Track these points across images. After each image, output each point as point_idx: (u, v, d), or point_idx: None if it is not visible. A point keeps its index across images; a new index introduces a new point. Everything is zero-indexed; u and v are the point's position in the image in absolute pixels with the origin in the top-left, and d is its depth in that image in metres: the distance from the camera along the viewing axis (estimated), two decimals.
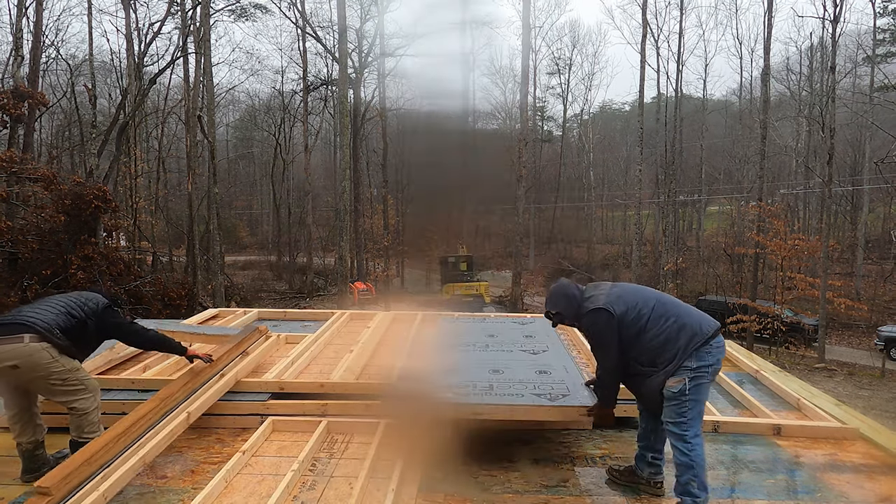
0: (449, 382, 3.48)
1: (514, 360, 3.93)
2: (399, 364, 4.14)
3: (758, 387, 4.50)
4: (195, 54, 20.24)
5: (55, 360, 2.97)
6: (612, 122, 50.05)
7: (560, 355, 4.03)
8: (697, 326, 2.80)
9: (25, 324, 2.94)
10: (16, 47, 16.41)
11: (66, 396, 3.05)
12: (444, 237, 4.00)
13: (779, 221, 17.79)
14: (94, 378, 3.30)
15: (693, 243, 34.35)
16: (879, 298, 23.26)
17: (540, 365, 3.82)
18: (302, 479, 2.92)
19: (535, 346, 4.26)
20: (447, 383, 3.47)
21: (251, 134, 43.58)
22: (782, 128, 32.19)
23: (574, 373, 3.67)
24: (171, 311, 14.39)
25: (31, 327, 2.94)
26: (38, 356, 2.92)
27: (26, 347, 2.89)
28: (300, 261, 33.07)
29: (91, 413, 3.12)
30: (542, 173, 41.15)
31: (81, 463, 2.63)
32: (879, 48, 29.21)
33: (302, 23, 27.30)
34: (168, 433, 3.11)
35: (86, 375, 3.18)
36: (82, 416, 3.08)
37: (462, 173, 3.81)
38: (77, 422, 3.09)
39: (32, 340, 2.91)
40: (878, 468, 3.18)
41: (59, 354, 3.00)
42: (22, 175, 12.26)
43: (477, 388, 3.40)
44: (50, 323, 3.02)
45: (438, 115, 4.02)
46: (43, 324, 2.98)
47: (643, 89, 23.77)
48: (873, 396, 11.00)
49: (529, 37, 27.69)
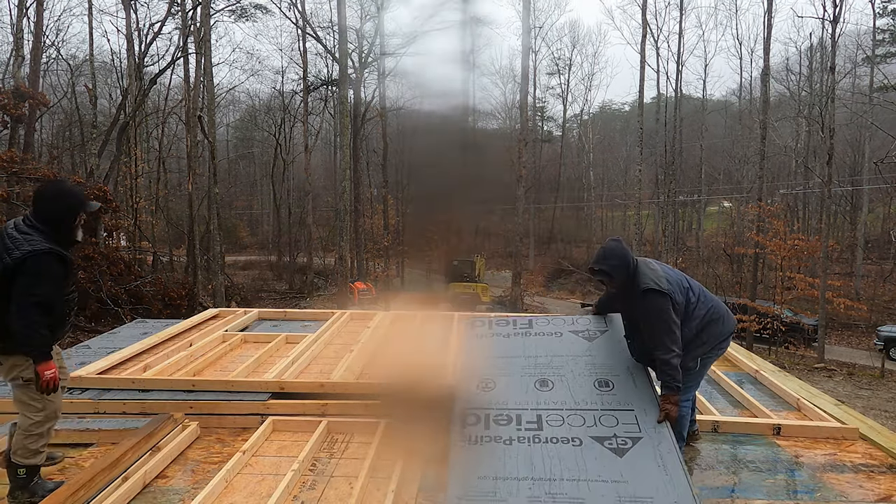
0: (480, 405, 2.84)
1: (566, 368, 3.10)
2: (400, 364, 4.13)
3: (757, 387, 4.51)
4: (195, 54, 20.25)
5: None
6: (612, 123, 50.07)
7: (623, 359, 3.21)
8: (726, 325, 3.12)
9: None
10: (16, 47, 16.43)
11: (19, 404, 2.75)
12: (445, 237, 3.95)
13: (778, 221, 17.80)
14: (58, 402, 2.82)
15: (693, 243, 34.36)
16: (879, 298, 23.26)
17: (599, 368, 3.05)
18: (302, 478, 2.93)
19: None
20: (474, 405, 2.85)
21: (251, 134, 43.57)
22: (782, 128, 32.18)
23: (645, 387, 2.94)
24: (171, 311, 14.40)
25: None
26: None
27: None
28: (300, 261, 33.06)
29: (32, 437, 2.72)
30: (542, 173, 41.16)
31: None
32: (879, 48, 29.21)
33: (302, 23, 27.32)
34: None
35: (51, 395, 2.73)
36: (25, 436, 2.73)
37: (462, 173, 3.81)
38: (16, 438, 2.76)
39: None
40: (878, 468, 3.18)
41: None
42: (22, 175, 12.26)
43: (522, 425, 2.73)
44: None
45: (438, 115, 4.02)
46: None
47: (643, 89, 23.79)
48: (873, 396, 11.00)
49: (529, 37, 27.72)
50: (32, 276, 2.61)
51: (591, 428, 2.69)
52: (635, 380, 2.95)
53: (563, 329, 3.37)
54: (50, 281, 2.67)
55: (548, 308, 24.68)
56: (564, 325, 3.41)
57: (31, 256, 2.62)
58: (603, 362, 3.09)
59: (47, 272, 2.65)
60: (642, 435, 2.64)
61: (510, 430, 2.72)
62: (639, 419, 2.73)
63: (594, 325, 3.39)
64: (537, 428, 2.72)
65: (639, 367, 3.05)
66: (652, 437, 2.64)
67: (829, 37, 19.36)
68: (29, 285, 2.61)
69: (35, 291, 2.61)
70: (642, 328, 3.01)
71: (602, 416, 2.75)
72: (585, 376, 2.99)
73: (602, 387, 2.90)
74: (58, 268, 2.70)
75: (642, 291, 2.94)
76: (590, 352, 3.18)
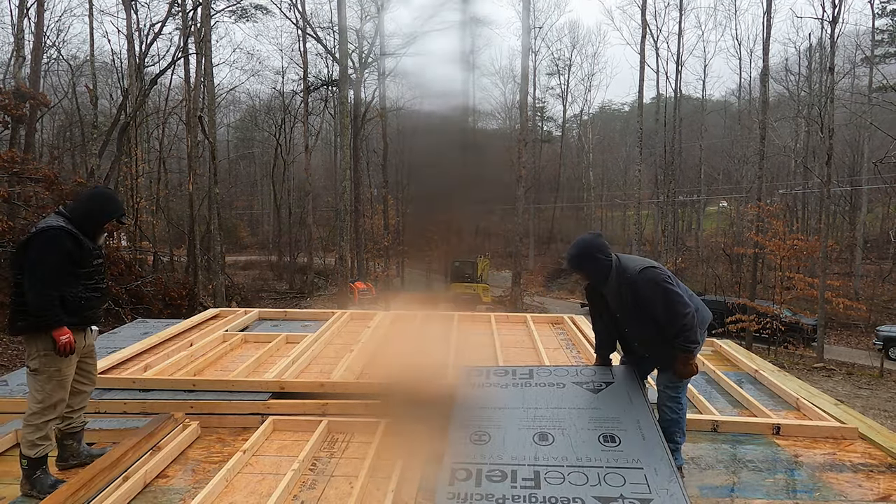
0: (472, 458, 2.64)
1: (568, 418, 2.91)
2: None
3: (757, 386, 4.52)
4: (196, 55, 20.25)
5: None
6: (612, 123, 50.13)
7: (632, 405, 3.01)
8: (704, 312, 3.14)
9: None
10: (17, 48, 16.43)
11: (28, 394, 2.87)
12: (445, 237, 3.94)
13: (778, 222, 17.80)
14: (57, 396, 2.85)
15: (692, 243, 34.40)
16: (878, 298, 23.26)
17: (605, 422, 2.84)
18: (302, 478, 2.93)
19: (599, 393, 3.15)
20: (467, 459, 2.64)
21: (252, 134, 43.60)
22: (781, 128, 32.18)
23: (654, 437, 2.73)
24: (171, 311, 14.42)
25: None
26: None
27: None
28: (301, 261, 33.07)
29: (29, 427, 2.79)
30: (541, 173, 41.20)
31: None
32: (878, 49, 29.25)
33: (302, 23, 27.33)
34: None
35: (54, 385, 2.81)
36: (24, 425, 2.82)
37: (462, 173, 3.81)
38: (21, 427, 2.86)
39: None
40: (877, 467, 3.19)
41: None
42: (23, 175, 12.27)
43: (518, 482, 2.50)
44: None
45: (438, 115, 4.02)
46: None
47: (642, 90, 23.80)
48: (872, 396, 11.01)
49: (529, 37, 27.73)
50: (38, 249, 2.76)
51: (594, 487, 2.46)
52: (644, 434, 2.73)
53: (565, 380, 3.21)
54: (55, 253, 2.78)
55: (547, 308, 24.70)
56: (567, 375, 3.26)
57: (40, 232, 2.78)
58: (609, 415, 2.88)
59: (52, 245, 2.78)
60: (652, 496, 2.39)
61: (504, 487, 2.49)
62: (648, 479, 2.50)
63: (599, 377, 3.22)
64: (534, 486, 2.49)
65: (649, 421, 2.84)
66: (664, 499, 2.38)
67: (829, 37, 19.36)
68: (36, 258, 2.75)
69: (43, 260, 2.75)
70: (647, 305, 2.93)
71: (607, 475, 2.53)
72: (589, 430, 2.78)
73: (608, 442, 2.70)
74: (68, 243, 2.81)
75: (639, 271, 2.94)
76: (594, 404, 2.99)
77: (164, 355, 4.62)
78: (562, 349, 5.11)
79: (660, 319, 2.92)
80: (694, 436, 3.52)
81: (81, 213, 2.92)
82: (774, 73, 29.65)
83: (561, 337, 5.58)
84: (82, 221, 2.91)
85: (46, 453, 2.86)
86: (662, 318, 2.91)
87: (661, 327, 2.94)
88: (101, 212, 2.97)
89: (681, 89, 31.08)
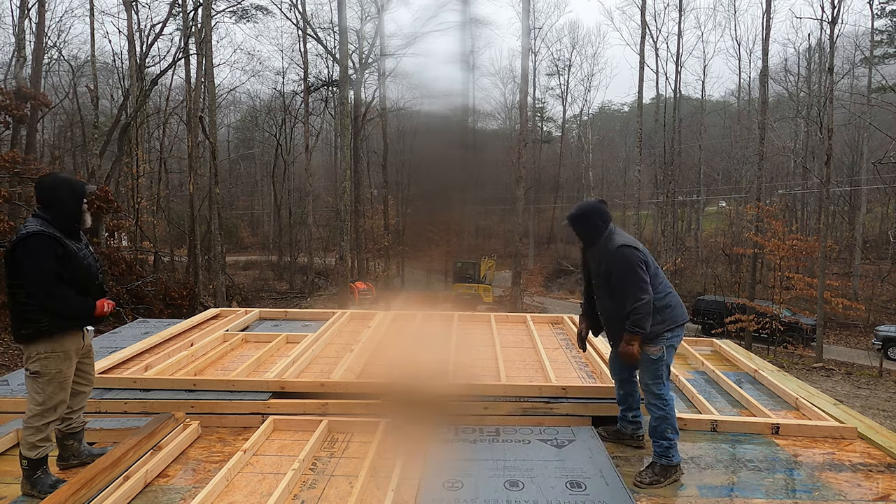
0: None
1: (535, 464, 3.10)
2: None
3: (756, 386, 4.52)
4: (197, 55, 20.30)
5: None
6: (611, 123, 50.16)
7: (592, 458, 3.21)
8: (681, 310, 3.25)
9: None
10: (18, 48, 16.45)
11: (27, 396, 2.87)
12: (445, 237, 3.95)
13: (777, 222, 17.81)
14: (58, 398, 2.86)
15: (692, 243, 34.39)
16: (877, 298, 23.29)
17: (570, 471, 3.03)
18: (303, 477, 2.94)
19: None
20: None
21: (252, 135, 43.61)
22: (780, 128, 32.19)
23: (616, 483, 2.92)
24: (172, 311, 14.43)
25: None
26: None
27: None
28: (301, 261, 33.09)
29: (29, 429, 2.81)
30: (541, 174, 41.22)
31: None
32: (877, 49, 29.28)
33: (303, 24, 27.35)
34: None
35: (55, 387, 2.83)
36: (24, 427, 2.84)
37: (462, 173, 3.82)
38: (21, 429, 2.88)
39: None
40: (876, 467, 3.20)
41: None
42: (24, 175, 12.28)
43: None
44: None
45: (438, 116, 4.03)
46: None
47: (642, 90, 23.83)
48: (871, 396, 11.01)
49: (529, 38, 27.75)
50: (24, 259, 2.74)
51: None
52: (607, 481, 2.92)
53: (531, 437, 3.42)
54: (42, 258, 2.76)
55: (547, 308, 24.70)
56: (532, 434, 3.47)
57: (19, 242, 2.75)
58: (574, 466, 3.08)
59: (37, 252, 2.75)
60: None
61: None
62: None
63: (562, 435, 3.47)
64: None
65: (611, 471, 3.03)
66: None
67: (828, 38, 19.39)
68: (28, 268, 2.74)
69: (40, 268, 2.75)
70: (614, 280, 3.15)
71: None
72: (556, 478, 2.95)
73: (574, 487, 2.86)
74: (52, 246, 2.78)
75: (618, 247, 3.13)
76: (559, 457, 3.19)
77: (165, 355, 4.62)
78: (561, 349, 5.12)
79: (620, 297, 3.12)
80: (693, 435, 3.53)
81: (52, 209, 2.84)
82: (774, 74, 29.70)
83: (560, 337, 5.58)
84: (59, 218, 2.85)
85: (47, 454, 2.87)
86: (620, 297, 3.12)
87: (621, 304, 3.11)
88: (72, 197, 2.88)
89: (680, 90, 31.13)
